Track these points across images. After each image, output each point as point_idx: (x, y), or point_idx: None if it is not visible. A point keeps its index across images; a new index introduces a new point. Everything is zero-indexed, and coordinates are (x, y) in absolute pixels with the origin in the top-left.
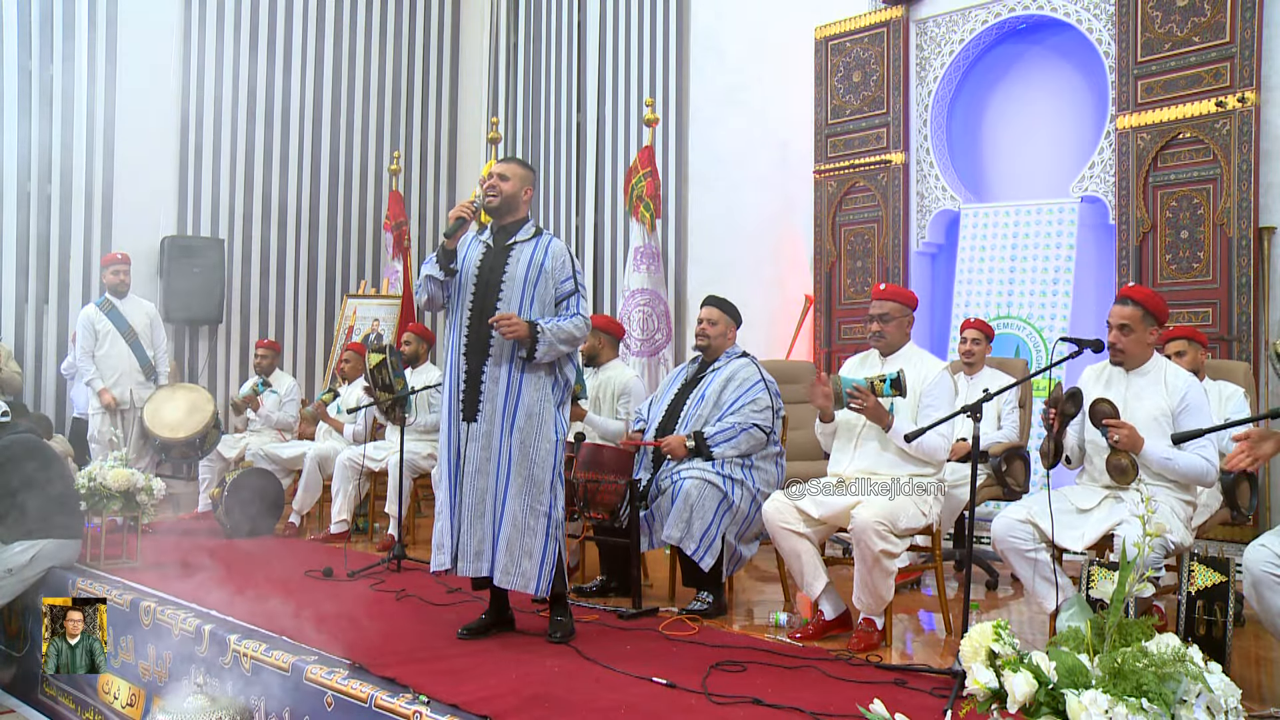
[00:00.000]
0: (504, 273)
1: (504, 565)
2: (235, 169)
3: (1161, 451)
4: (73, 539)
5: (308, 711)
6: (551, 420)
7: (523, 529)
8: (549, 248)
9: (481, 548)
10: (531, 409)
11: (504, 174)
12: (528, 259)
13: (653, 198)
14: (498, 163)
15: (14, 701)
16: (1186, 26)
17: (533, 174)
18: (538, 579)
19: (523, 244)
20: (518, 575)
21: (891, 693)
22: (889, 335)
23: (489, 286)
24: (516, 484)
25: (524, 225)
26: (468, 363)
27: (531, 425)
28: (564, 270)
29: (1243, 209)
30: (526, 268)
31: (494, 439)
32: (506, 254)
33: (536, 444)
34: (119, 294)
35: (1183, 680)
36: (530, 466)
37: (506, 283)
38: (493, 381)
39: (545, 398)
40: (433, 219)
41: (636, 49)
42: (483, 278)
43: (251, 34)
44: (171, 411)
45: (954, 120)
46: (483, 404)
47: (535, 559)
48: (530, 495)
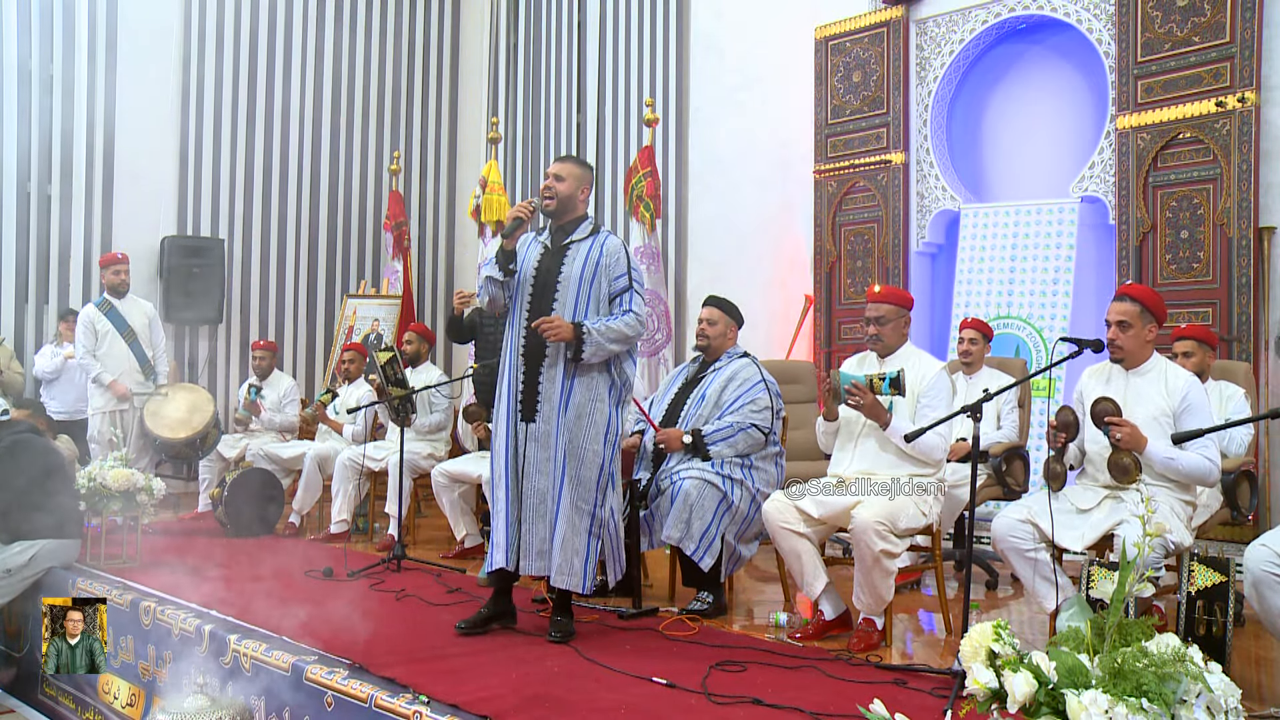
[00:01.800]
0: (560, 272)
1: (559, 564)
2: (235, 169)
3: (1164, 451)
4: (72, 539)
5: (308, 711)
6: (604, 420)
7: (575, 529)
8: (604, 245)
9: (544, 546)
10: (582, 408)
11: (559, 174)
12: (584, 258)
13: (653, 198)
14: (554, 162)
15: (14, 701)
16: (1186, 26)
17: (590, 171)
18: (584, 576)
19: (579, 243)
20: (571, 574)
21: (891, 693)
22: (886, 338)
23: (545, 287)
24: (569, 483)
25: (581, 224)
26: (525, 364)
27: (581, 425)
28: (618, 266)
29: (1243, 209)
30: (582, 267)
31: (551, 438)
32: (563, 253)
33: (585, 443)
34: (118, 293)
35: (1183, 680)
36: (579, 466)
37: (563, 283)
38: (549, 382)
39: (598, 397)
40: (433, 219)
41: (636, 49)
42: (540, 278)
43: (251, 35)
44: (172, 411)
45: (954, 120)
46: (540, 404)
47: (583, 558)
48: (578, 494)
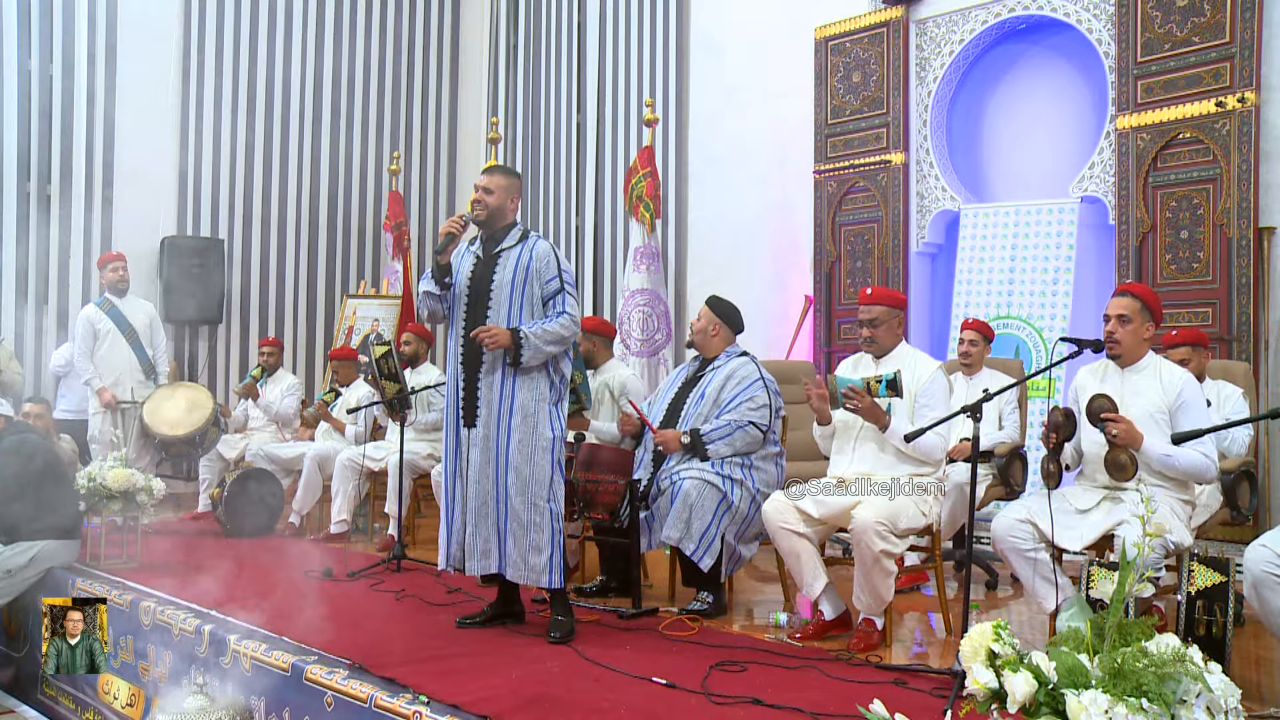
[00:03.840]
0: (493, 280)
1: (514, 561)
2: (235, 169)
3: (1161, 448)
4: (72, 539)
5: (308, 711)
6: (546, 418)
7: (528, 526)
8: (534, 249)
9: (488, 546)
10: (526, 410)
11: (487, 187)
12: (514, 264)
13: (652, 198)
14: (482, 175)
15: (14, 702)
16: (1186, 26)
17: (518, 179)
18: (548, 571)
19: (509, 250)
20: (528, 571)
21: (891, 693)
22: (880, 339)
23: (479, 296)
24: (516, 484)
25: (510, 231)
26: (465, 371)
27: (527, 425)
28: (549, 269)
29: (1243, 209)
30: (513, 273)
31: (491, 442)
32: (494, 261)
33: (534, 443)
34: (119, 292)
35: (1183, 680)
36: (530, 465)
37: (495, 290)
38: (488, 387)
39: (540, 397)
40: (433, 219)
41: (636, 49)
42: (474, 287)
43: (251, 34)
44: (171, 409)
45: (954, 120)
46: (480, 409)
47: (544, 553)
48: (532, 492)
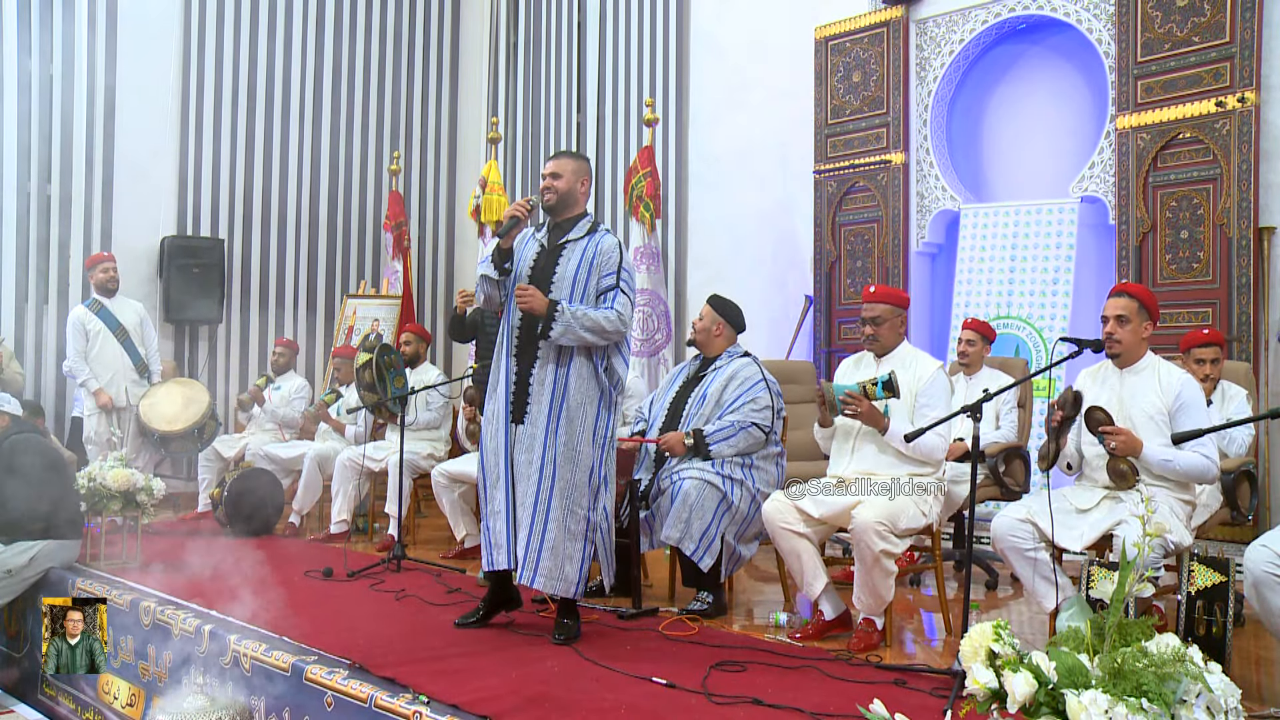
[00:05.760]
0: (555, 272)
1: (548, 570)
2: (235, 169)
3: (1160, 453)
4: (72, 539)
5: (308, 711)
6: (593, 422)
7: (564, 534)
8: (600, 243)
9: (526, 553)
10: (574, 411)
11: (556, 171)
12: (579, 256)
13: (653, 198)
14: (549, 160)
15: (14, 701)
16: (1186, 26)
17: (586, 163)
18: (578, 582)
19: (575, 242)
20: (560, 580)
21: (891, 693)
22: (882, 338)
23: (540, 286)
24: (560, 487)
25: (579, 222)
26: (518, 364)
27: (573, 427)
28: (609, 265)
29: (1243, 209)
30: (577, 266)
31: (537, 441)
32: (559, 252)
33: (577, 445)
34: (108, 292)
35: (1182, 680)
36: (572, 469)
37: (557, 282)
38: (539, 384)
39: (589, 399)
40: (433, 219)
41: (636, 49)
42: (535, 277)
43: (251, 34)
44: (168, 405)
45: (954, 120)
46: (530, 406)
47: (575, 563)
48: (571, 499)
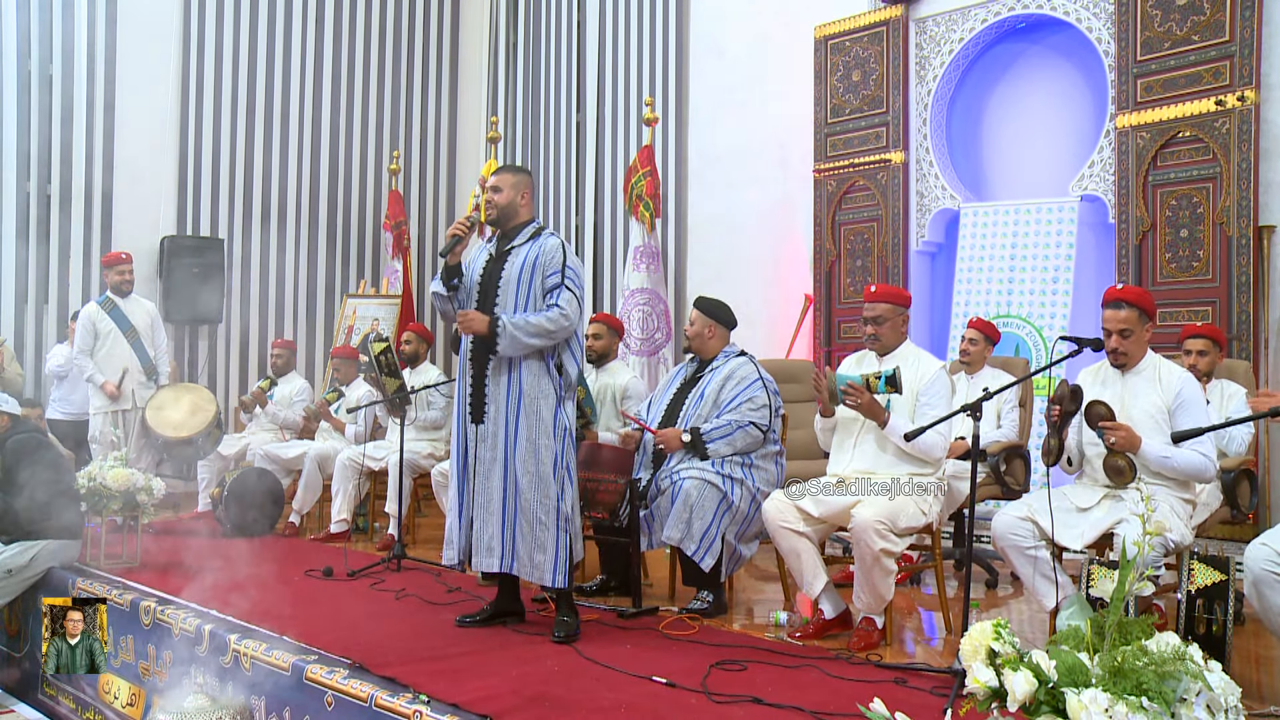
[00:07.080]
0: (501, 277)
1: (521, 557)
2: (235, 169)
3: (1159, 450)
4: (73, 539)
5: (308, 711)
6: (551, 416)
7: (534, 523)
8: (543, 245)
9: (493, 544)
10: (529, 408)
11: (496, 186)
12: (522, 260)
13: (652, 197)
14: (490, 175)
15: (14, 701)
16: (1186, 25)
17: (527, 176)
18: (552, 570)
19: (520, 247)
20: (532, 568)
21: (891, 692)
22: (884, 337)
23: (488, 292)
24: (526, 480)
25: (524, 229)
26: (474, 367)
27: (530, 422)
28: (553, 264)
29: (1242, 208)
30: (520, 269)
31: (500, 439)
32: (504, 258)
33: (539, 440)
34: (122, 293)
35: (1182, 679)
36: (537, 463)
37: (503, 285)
38: (495, 385)
39: (544, 393)
40: (433, 219)
41: (636, 49)
42: (483, 284)
43: (251, 34)
44: (175, 412)
45: (953, 119)
46: (488, 406)
47: (549, 552)
48: (539, 490)
